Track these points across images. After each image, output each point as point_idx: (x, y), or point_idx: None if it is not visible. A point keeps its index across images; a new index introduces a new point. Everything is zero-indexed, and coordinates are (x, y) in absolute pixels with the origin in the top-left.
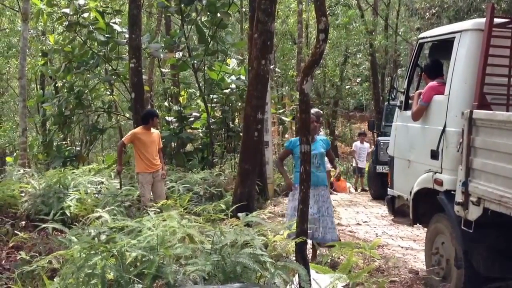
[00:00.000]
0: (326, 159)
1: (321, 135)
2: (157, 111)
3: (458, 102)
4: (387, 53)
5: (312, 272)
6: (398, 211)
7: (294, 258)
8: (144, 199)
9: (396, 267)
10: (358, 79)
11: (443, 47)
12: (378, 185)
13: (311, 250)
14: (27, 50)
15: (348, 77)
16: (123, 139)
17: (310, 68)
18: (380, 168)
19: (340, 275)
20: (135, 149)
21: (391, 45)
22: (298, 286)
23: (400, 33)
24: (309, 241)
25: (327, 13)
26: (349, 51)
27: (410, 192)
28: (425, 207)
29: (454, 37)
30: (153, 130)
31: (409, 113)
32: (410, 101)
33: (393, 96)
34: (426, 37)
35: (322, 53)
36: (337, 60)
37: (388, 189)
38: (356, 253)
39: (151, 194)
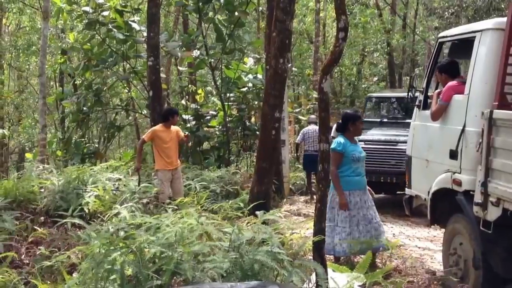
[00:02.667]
0: None
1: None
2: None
3: (478, 102)
4: (404, 52)
5: (329, 271)
6: (415, 211)
7: (311, 257)
8: (163, 196)
9: (413, 268)
10: (375, 78)
11: (463, 46)
12: None
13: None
14: (47, 48)
15: (365, 76)
16: (143, 136)
17: (329, 66)
18: None
19: (357, 274)
20: (155, 146)
21: (408, 44)
22: (315, 284)
23: (418, 32)
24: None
25: None
26: (366, 50)
27: (428, 192)
28: (443, 207)
29: (475, 37)
30: (172, 127)
31: (428, 112)
32: (429, 101)
33: (411, 95)
34: (446, 37)
35: (342, 51)
36: (354, 59)
37: (406, 188)
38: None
39: (170, 191)
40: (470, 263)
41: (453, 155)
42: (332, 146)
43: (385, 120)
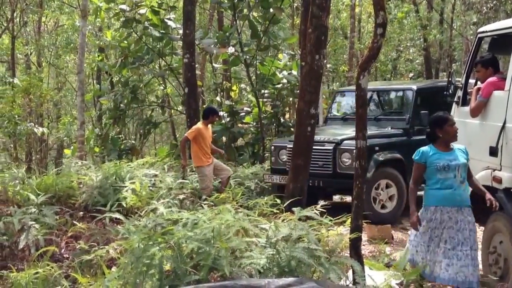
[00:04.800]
0: None
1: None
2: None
3: None
4: (441, 48)
5: (366, 268)
6: None
7: (348, 254)
8: (208, 190)
9: None
10: (411, 74)
11: (503, 41)
12: None
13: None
14: (85, 46)
15: (400, 72)
16: (186, 134)
17: (367, 62)
18: (277, 179)
19: (394, 272)
20: (195, 144)
21: (446, 40)
22: (352, 281)
23: (455, 27)
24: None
25: None
26: (402, 45)
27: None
28: (483, 205)
29: None
30: (209, 126)
31: (467, 109)
32: (468, 97)
33: (450, 91)
34: (485, 32)
35: (380, 47)
36: (390, 55)
37: None
38: None
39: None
40: (510, 262)
41: (493, 152)
42: (413, 156)
43: (348, 116)
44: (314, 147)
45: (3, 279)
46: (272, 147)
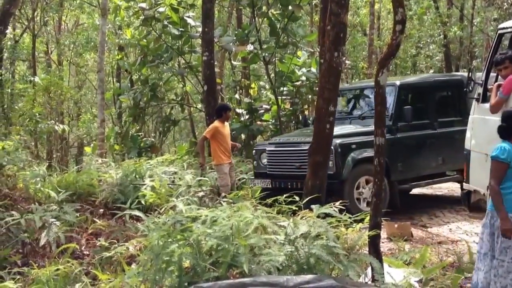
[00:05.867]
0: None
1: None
2: (229, 103)
3: None
4: (462, 45)
5: (385, 266)
6: (473, 206)
7: (366, 251)
8: (227, 188)
9: (471, 264)
10: (431, 71)
11: None
12: None
13: None
14: (104, 44)
15: (420, 69)
16: (204, 134)
17: (386, 59)
18: (259, 183)
19: (413, 270)
20: (214, 142)
21: (466, 36)
22: (371, 279)
23: (475, 23)
24: None
25: None
26: (422, 42)
27: (488, 187)
28: None
29: None
30: (226, 123)
31: (487, 105)
32: (488, 94)
33: (470, 88)
34: (506, 28)
35: (399, 44)
36: (409, 52)
37: (464, 183)
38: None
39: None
40: None
41: None
42: (493, 153)
43: (339, 116)
44: (290, 149)
45: (25, 275)
46: (254, 151)
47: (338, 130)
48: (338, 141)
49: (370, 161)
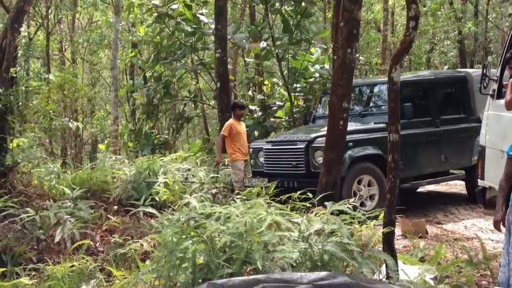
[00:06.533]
0: None
1: None
2: (242, 100)
3: None
4: (476, 40)
5: (400, 263)
6: (489, 203)
7: (381, 248)
8: (241, 184)
9: (487, 261)
10: (445, 67)
11: None
12: None
13: None
14: (118, 42)
15: (434, 65)
16: (222, 132)
17: (399, 56)
18: (256, 182)
19: (428, 267)
20: (229, 139)
21: (481, 32)
22: (385, 276)
23: (490, 19)
24: None
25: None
26: (436, 38)
27: None
28: None
29: None
30: (241, 121)
31: (502, 102)
32: (503, 90)
33: (485, 84)
34: None
35: (412, 41)
36: (424, 48)
37: (479, 180)
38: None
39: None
40: None
41: None
42: (508, 150)
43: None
44: (286, 147)
45: (40, 271)
46: (251, 149)
47: None
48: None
49: (368, 159)
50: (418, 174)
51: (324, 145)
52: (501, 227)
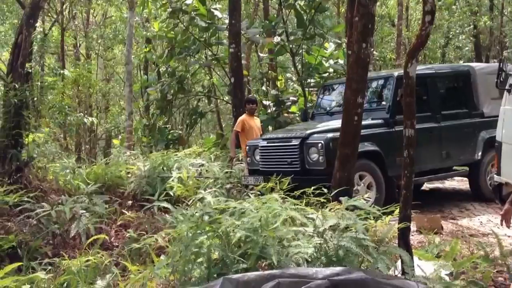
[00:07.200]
0: None
1: None
2: (255, 95)
3: None
4: (492, 35)
5: (415, 258)
6: (505, 199)
7: (396, 244)
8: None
9: (503, 257)
10: (461, 61)
11: None
12: None
13: None
14: (132, 37)
15: (449, 60)
16: (234, 128)
17: (415, 50)
18: (252, 180)
19: (444, 262)
20: (243, 134)
21: (496, 27)
22: (401, 272)
23: (506, 13)
24: None
25: None
26: (451, 32)
27: None
28: None
29: None
30: (254, 116)
31: None
32: None
33: (501, 79)
34: None
35: (428, 35)
36: (438, 42)
37: (495, 175)
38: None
39: None
40: None
41: None
42: None
43: (335, 110)
44: (280, 144)
45: (55, 266)
46: (247, 147)
47: (330, 124)
48: (329, 135)
49: (364, 156)
50: (417, 171)
51: (317, 141)
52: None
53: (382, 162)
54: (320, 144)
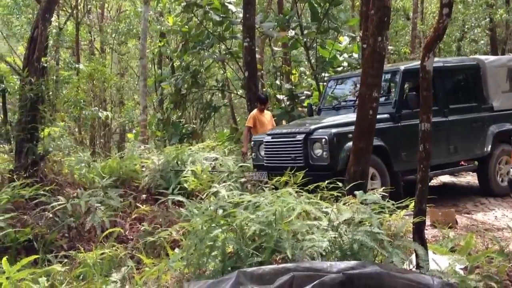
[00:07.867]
0: None
1: None
2: (268, 90)
3: None
4: (508, 28)
5: (430, 252)
6: None
7: (410, 238)
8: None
9: None
10: (476, 55)
11: None
12: None
13: None
14: (147, 32)
15: (465, 53)
16: (246, 123)
17: (432, 44)
18: (256, 176)
19: (458, 257)
20: (254, 129)
21: None
22: (416, 266)
23: None
24: None
25: None
26: (467, 26)
27: None
28: None
29: None
30: (265, 112)
31: None
32: None
33: None
34: None
35: (446, 28)
36: (454, 36)
37: (511, 169)
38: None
39: None
40: None
41: None
42: None
43: (341, 105)
44: (285, 139)
45: (71, 259)
46: (252, 142)
47: (335, 119)
48: (333, 130)
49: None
50: None
51: (321, 137)
52: None
53: (388, 157)
54: (324, 140)
